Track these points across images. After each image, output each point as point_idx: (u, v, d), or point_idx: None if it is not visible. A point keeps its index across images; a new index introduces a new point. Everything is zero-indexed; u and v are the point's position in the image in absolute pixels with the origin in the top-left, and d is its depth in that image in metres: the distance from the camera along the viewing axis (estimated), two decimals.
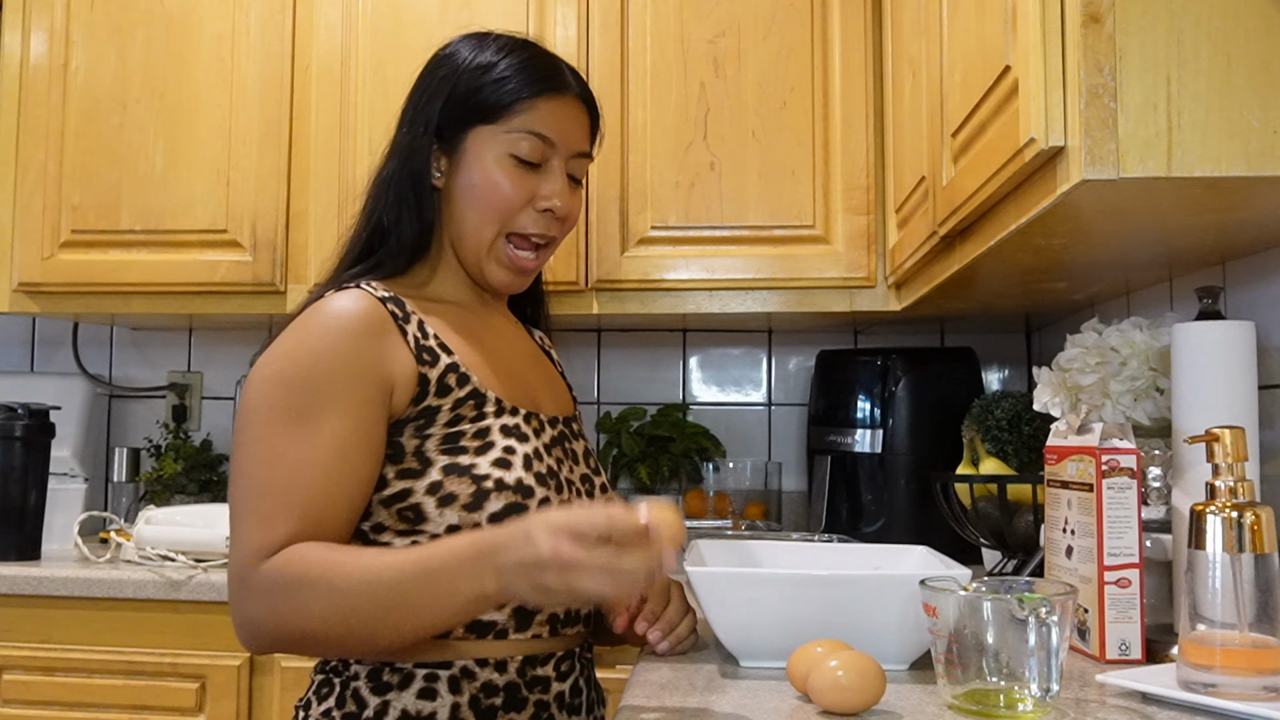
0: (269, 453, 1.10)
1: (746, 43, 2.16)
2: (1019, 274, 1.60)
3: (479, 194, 1.26)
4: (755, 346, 2.61)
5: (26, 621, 1.94)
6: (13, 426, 2.05)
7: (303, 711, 1.20)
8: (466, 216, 1.27)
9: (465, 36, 1.34)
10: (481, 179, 1.26)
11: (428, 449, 1.16)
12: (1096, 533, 1.14)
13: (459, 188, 1.28)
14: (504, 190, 1.26)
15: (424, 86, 1.31)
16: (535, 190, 1.27)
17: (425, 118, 1.28)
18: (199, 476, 2.50)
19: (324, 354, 1.14)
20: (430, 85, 1.30)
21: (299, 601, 1.05)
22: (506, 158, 1.26)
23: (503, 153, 1.26)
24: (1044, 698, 0.93)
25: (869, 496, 2.18)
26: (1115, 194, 1.05)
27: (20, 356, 2.74)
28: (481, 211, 1.27)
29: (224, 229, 2.21)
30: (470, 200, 1.27)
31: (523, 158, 1.26)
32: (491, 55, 1.29)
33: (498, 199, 1.26)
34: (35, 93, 2.27)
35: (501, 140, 1.26)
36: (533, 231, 1.28)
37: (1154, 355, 1.34)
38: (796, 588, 1.13)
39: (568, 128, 1.29)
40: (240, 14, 2.24)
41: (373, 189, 1.32)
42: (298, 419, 1.11)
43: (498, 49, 1.30)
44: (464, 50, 1.32)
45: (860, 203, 2.12)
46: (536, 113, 1.27)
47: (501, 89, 1.27)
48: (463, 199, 1.27)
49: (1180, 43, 0.98)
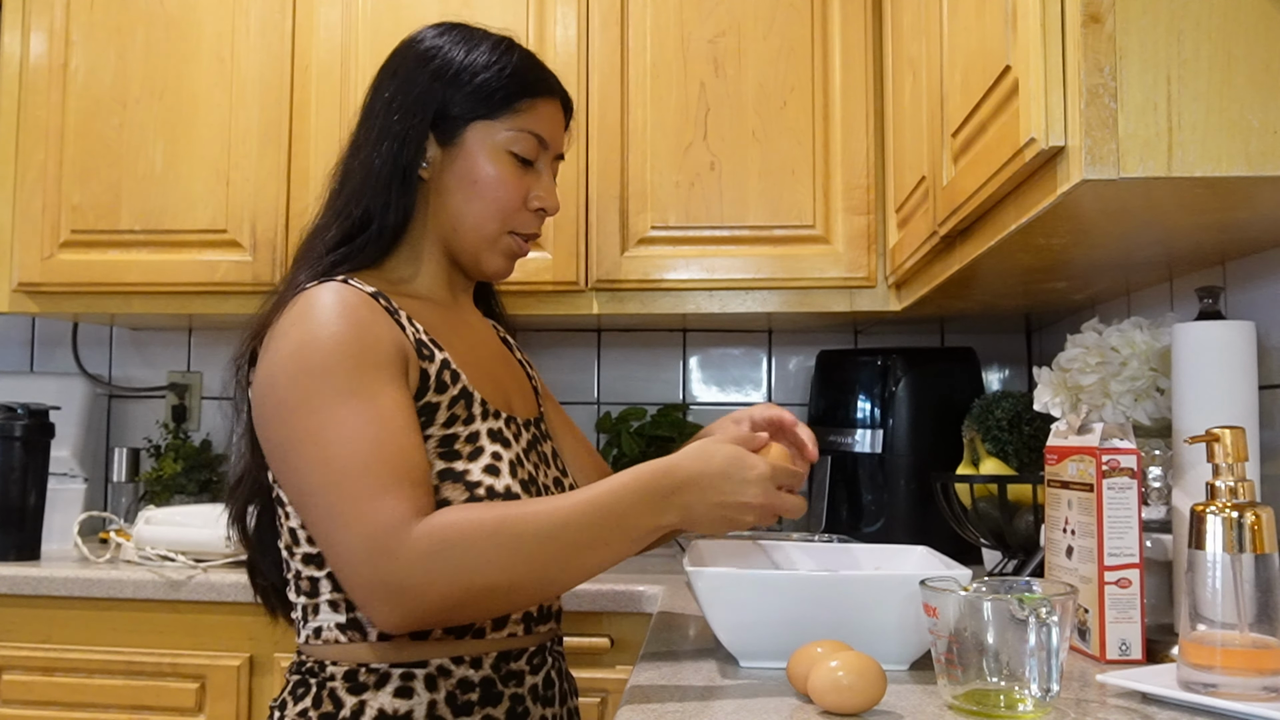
0: (346, 433, 1.08)
1: (747, 42, 2.16)
2: (1019, 274, 1.60)
3: (481, 189, 1.27)
4: (755, 346, 2.61)
5: (26, 621, 1.94)
6: (12, 426, 2.05)
7: (278, 712, 1.19)
8: (465, 210, 1.27)
9: (445, 28, 1.33)
10: (483, 174, 1.26)
11: (428, 451, 1.15)
12: (1097, 533, 1.14)
13: (454, 179, 1.27)
14: (507, 187, 1.27)
15: (413, 76, 1.28)
16: (529, 189, 1.29)
17: (420, 107, 1.26)
18: (198, 476, 2.50)
19: (347, 336, 1.13)
20: (422, 75, 1.28)
21: (476, 556, 1.05)
22: (505, 154, 1.27)
23: (502, 149, 1.27)
24: (1044, 698, 0.93)
25: (869, 496, 2.18)
26: (1115, 194, 1.04)
27: (20, 356, 2.74)
28: (484, 207, 1.27)
29: (224, 229, 2.21)
30: (471, 194, 1.27)
31: (520, 155, 1.28)
32: (489, 50, 1.29)
33: (501, 195, 1.27)
34: (35, 92, 2.27)
35: (502, 137, 1.27)
36: (527, 231, 1.31)
37: (1154, 355, 1.34)
38: (797, 588, 1.13)
39: (556, 130, 1.33)
40: (240, 14, 2.24)
41: (355, 175, 1.28)
42: (354, 397, 1.10)
43: (493, 45, 1.30)
44: (453, 43, 1.30)
45: (860, 202, 2.12)
46: (535, 113, 1.29)
47: (507, 85, 1.27)
48: (460, 191, 1.27)
49: (1181, 42, 0.98)
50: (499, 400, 1.26)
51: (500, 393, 1.28)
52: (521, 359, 1.46)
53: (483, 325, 1.40)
